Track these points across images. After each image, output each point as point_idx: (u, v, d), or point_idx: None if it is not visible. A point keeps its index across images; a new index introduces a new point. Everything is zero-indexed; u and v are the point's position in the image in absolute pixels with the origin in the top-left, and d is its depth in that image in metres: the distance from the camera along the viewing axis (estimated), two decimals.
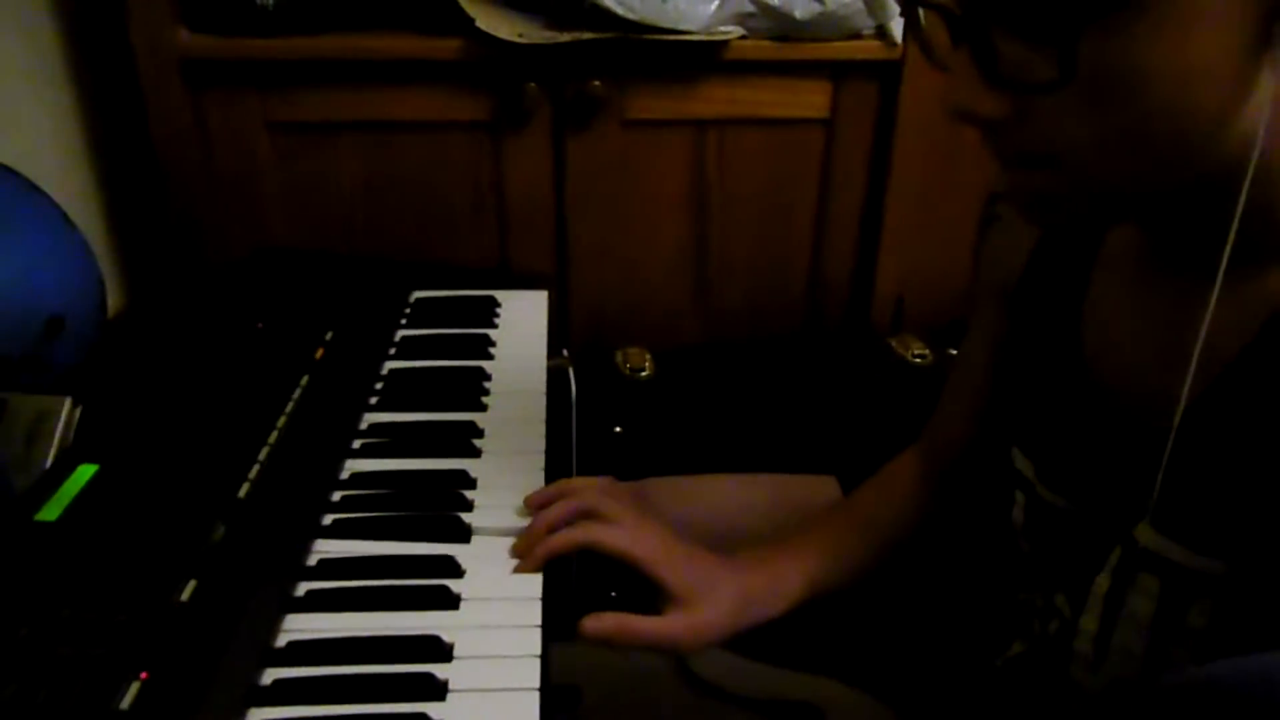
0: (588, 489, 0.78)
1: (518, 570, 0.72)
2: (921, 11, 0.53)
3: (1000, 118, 0.50)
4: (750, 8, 1.23)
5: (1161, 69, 0.46)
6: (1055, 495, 0.66)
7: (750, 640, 0.76)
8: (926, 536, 0.84)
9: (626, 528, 0.74)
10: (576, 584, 0.77)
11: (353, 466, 0.83)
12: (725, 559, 0.76)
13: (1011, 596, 0.74)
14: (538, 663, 0.64)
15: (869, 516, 0.84)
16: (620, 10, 1.18)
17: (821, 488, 1.07)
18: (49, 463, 0.81)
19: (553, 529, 0.74)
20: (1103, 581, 0.62)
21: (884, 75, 1.29)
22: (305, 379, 0.89)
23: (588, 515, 0.75)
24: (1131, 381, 0.61)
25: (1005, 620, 0.75)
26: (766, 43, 1.25)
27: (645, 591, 0.73)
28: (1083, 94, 0.47)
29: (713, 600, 0.73)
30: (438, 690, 0.62)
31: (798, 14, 1.22)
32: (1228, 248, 0.50)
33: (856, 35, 1.26)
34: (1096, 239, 0.64)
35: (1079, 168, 0.50)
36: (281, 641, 0.65)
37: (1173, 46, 0.45)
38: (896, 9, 1.24)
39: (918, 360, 1.32)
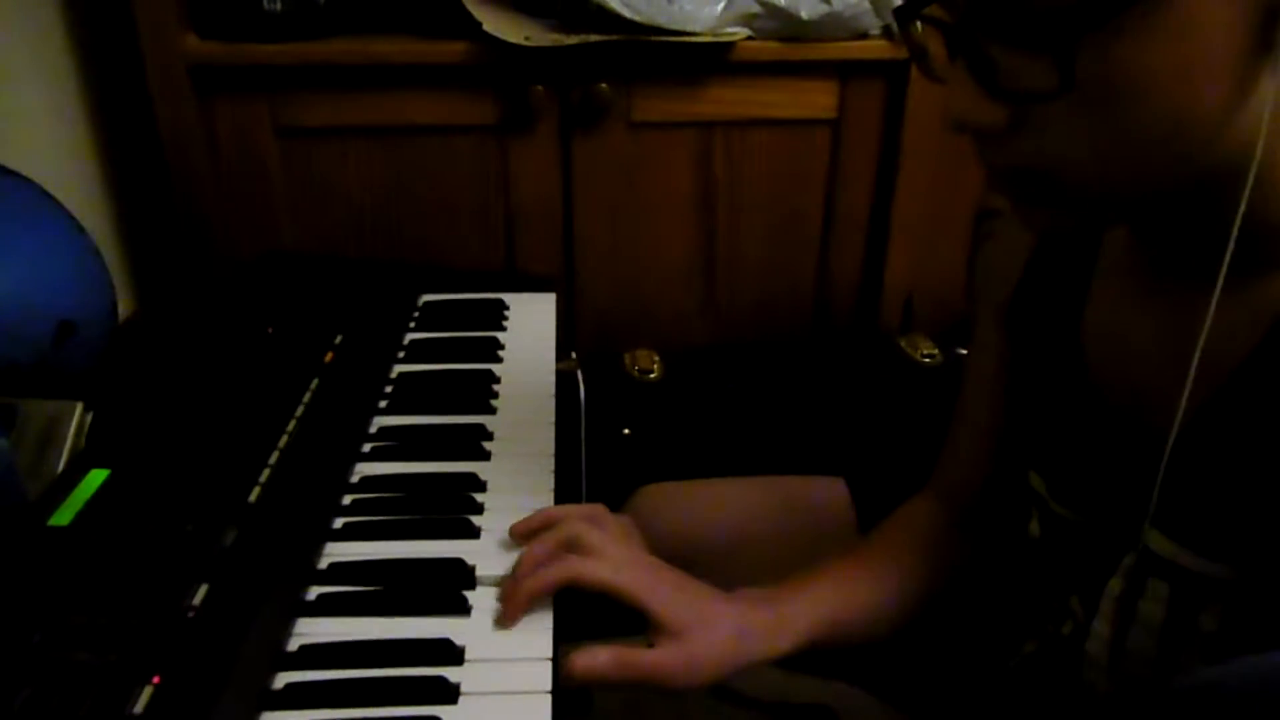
0: (570, 518, 0.73)
1: (500, 622, 0.68)
2: (917, 24, 0.53)
3: (997, 128, 0.50)
4: (756, 9, 1.22)
5: (1159, 75, 0.46)
6: (1065, 509, 0.65)
7: None
8: (954, 587, 0.80)
9: (609, 559, 0.69)
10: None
11: (363, 470, 0.83)
12: (725, 593, 0.71)
13: (1025, 598, 0.74)
14: (549, 665, 0.64)
15: (888, 565, 0.78)
16: (626, 12, 1.18)
17: (829, 490, 1.07)
18: (61, 468, 0.81)
19: (535, 565, 0.70)
20: (1115, 585, 0.61)
21: (891, 75, 1.29)
22: (315, 383, 0.89)
23: (570, 547, 0.70)
24: (1136, 390, 0.60)
25: (1018, 621, 0.75)
26: (773, 43, 1.25)
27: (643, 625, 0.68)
28: (1081, 102, 0.47)
29: (708, 632, 0.67)
30: (449, 693, 0.62)
31: (804, 14, 1.22)
32: (1228, 253, 0.50)
33: (863, 35, 1.26)
34: (1094, 249, 0.64)
35: (1075, 175, 0.50)
36: (293, 645, 0.65)
37: (1170, 52, 0.45)
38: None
39: (927, 360, 1.32)
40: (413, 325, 1.06)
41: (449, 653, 0.65)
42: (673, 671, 0.66)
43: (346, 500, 0.79)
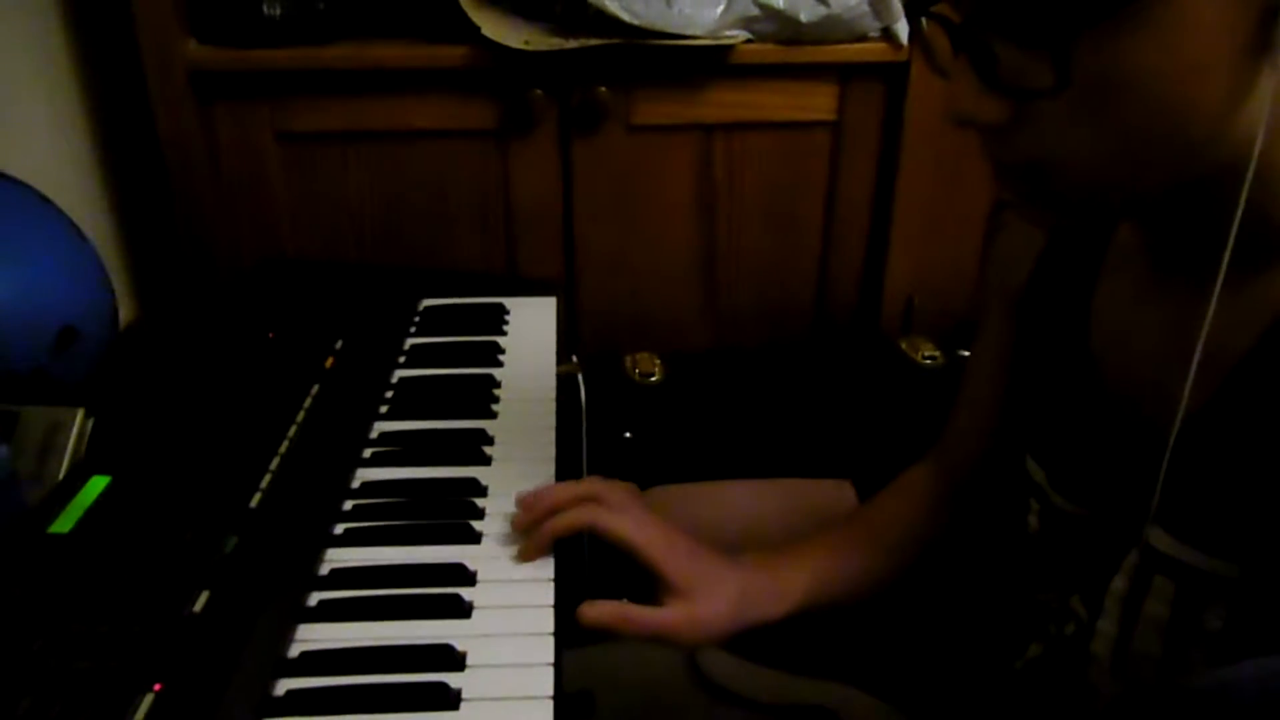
0: (591, 481, 0.77)
1: (523, 556, 0.72)
2: (923, 20, 0.53)
3: (999, 124, 0.50)
4: (755, 11, 1.22)
5: (1157, 73, 0.46)
6: (1068, 502, 0.65)
7: (764, 645, 0.76)
8: (941, 550, 0.83)
9: (631, 515, 0.73)
10: (588, 589, 0.76)
11: (363, 475, 0.83)
12: (728, 558, 0.76)
13: (1028, 599, 0.74)
14: (550, 670, 0.64)
15: (879, 529, 0.83)
16: (626, 16, 1.18)
17: (836, 492, 1.07)
18: (62, 475, 0.81)
19: (556, 510, 0.73)
20: (1119, 584, 0.61)
21: (890, 77, 1.29)
22: (316, 388, 0.89)
23: (591, 500, 0.74)
24: (1141, 384, 0.61)
25: (1022, 623, 0.75)
26: (772, 46, 1.25)
27: (652, 589, 0.73)
28: (1080, 99, 0.47)
29: (713, 595, 0.72)
30: (451, 699, 0.62)
31: (803, 17, 1.22)
32: (1228, 250, 0.50)
33: (863, 37, 1.26)
34: (1103, 243, 0.64)
35: (1076, 172, 0.51)
36: (294, 652, 0.65)
37: (1168, 50, 0.46)
38: (902, 11, 1.24)
39: (928, 362, 1.32)
40: (413, 330, 1.06)
41: (451, 658, 0.65)
42: (678, 629, 0.71)
43: (347, 506, 0.79)
